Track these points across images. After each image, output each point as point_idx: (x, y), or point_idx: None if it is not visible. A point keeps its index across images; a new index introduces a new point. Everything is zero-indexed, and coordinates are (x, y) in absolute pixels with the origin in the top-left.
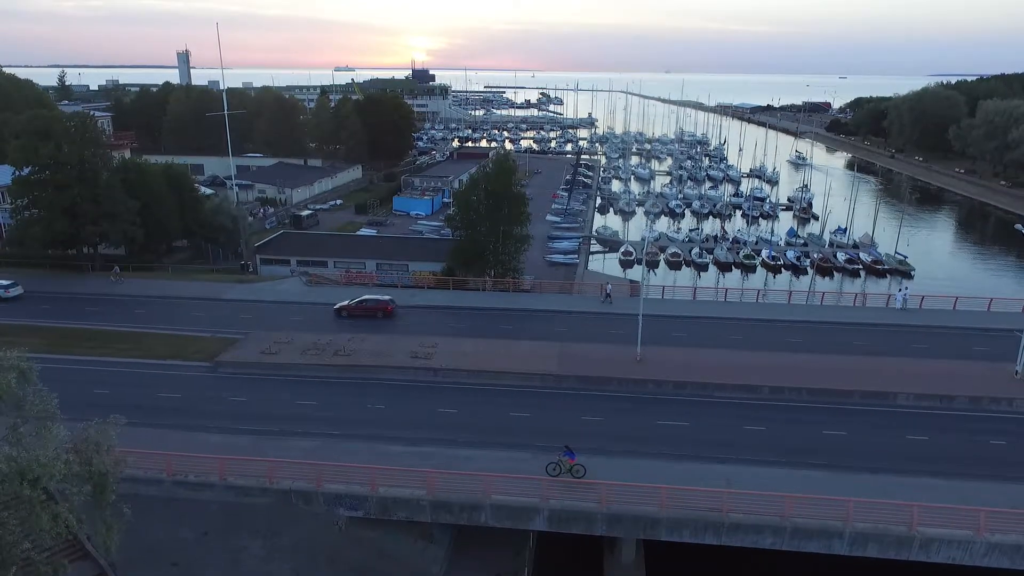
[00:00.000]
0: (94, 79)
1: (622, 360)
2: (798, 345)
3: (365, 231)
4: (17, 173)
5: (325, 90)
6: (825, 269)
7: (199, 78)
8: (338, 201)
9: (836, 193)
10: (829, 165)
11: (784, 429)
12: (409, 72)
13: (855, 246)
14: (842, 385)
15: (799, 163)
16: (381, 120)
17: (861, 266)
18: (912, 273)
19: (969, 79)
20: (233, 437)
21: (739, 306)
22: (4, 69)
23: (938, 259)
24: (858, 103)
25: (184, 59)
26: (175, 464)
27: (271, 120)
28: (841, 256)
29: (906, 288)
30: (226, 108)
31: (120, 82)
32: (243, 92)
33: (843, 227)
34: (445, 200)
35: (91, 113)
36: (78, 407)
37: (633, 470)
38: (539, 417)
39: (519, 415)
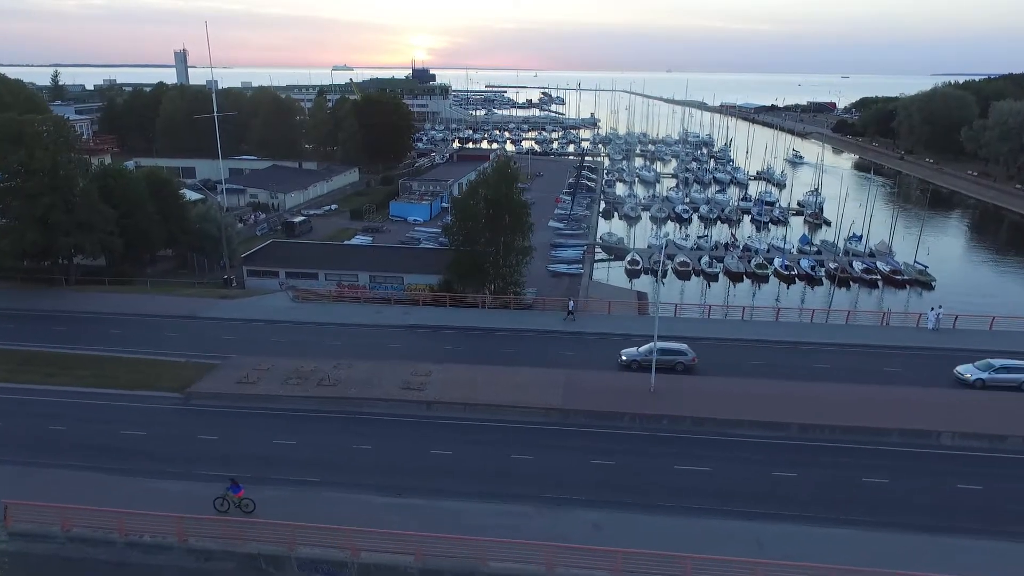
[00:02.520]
0: (92, 79)
1: (634, 391)
2: (825, 372)
3: (360, 238)
4: None
5: (323, 90)
6: (841, 279)
7: (198, 77)
8: (333, 206)
9: (847, 197)
10: (837, 166)
11: (818, 475)
12: (409, 71)
13: (872, 254)
14: (878, 422)
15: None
16: (379, 121)
17: (879, 276)
18: (933, 284)
19: (976, 79)
20: (199, 486)
21: (757, 325)
22: (3, 68)
23: (959, 268)
24: (864, 103)
25: (181, 58)
26: (129, 523)
27: (266, 121)
28: (858, 265)
29: (940, 307)
30: (216, 109)
31: (117, 82)
32: (239, 92)
33: (858, 234)
34: (444, 205)
35: (66, 117)
36: (29, 448)
37: (650, 529)
38: (543, 461)
39: (521, 458)
